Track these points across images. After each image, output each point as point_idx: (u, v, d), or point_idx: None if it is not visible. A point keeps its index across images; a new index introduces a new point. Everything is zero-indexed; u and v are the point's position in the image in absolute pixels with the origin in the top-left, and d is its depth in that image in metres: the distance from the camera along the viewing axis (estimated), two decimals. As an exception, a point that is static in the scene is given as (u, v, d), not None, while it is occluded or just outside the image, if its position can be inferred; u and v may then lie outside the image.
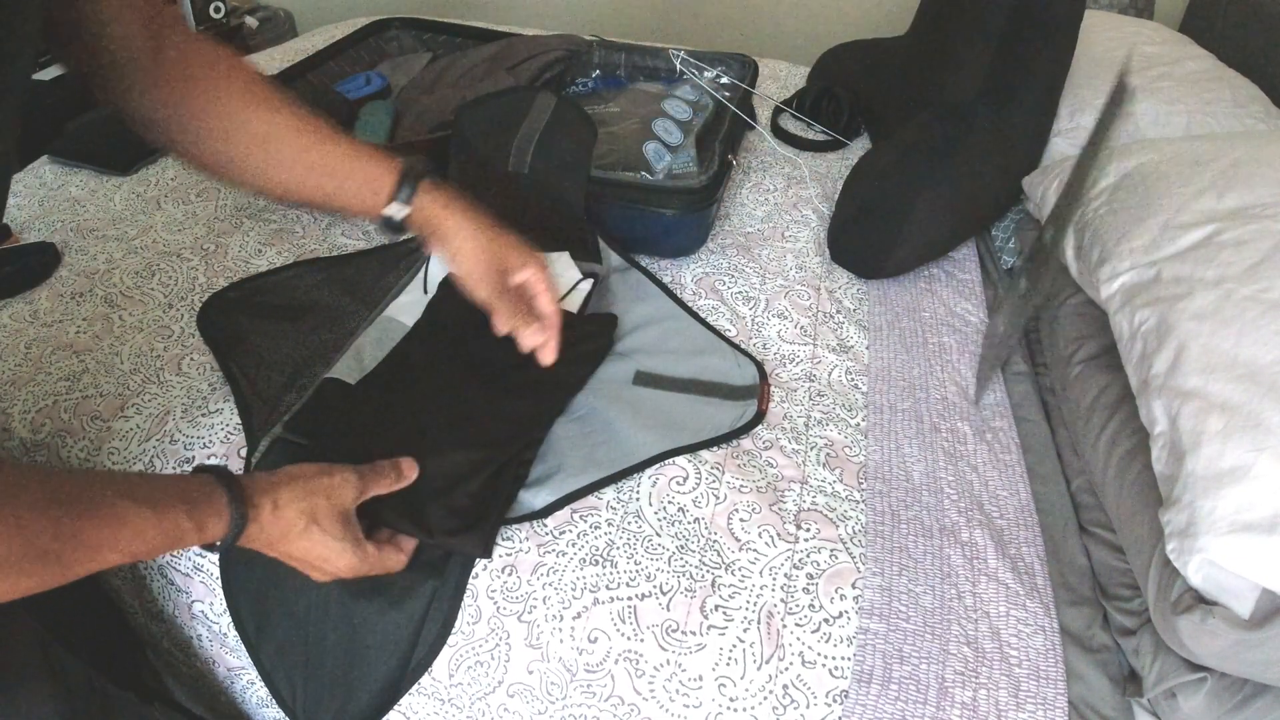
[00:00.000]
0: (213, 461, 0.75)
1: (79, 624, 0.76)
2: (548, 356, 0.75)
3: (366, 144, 0.66)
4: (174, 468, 0.75)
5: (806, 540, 0.72)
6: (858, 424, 0.84)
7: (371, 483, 0.61)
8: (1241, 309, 0.68)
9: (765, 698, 0.63)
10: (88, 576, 0.52)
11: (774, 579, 0.68)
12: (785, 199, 1.22)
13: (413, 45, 1.53)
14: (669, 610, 0.66)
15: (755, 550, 0.70)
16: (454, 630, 0.67)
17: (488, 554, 0.68)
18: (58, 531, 0.41)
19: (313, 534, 0.56)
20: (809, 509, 0.74)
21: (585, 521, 0.72)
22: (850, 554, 0.71)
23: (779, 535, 0.72)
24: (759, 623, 0.66)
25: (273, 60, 1.56)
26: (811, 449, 0.81)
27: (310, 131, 0.62)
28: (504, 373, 0.80)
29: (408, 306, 0.91)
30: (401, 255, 1.01)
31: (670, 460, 0.77)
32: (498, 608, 0.67)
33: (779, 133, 1.41)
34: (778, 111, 1.46)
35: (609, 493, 0.74)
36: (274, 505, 0.54)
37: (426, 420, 0.74)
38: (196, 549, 0.61)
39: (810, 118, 1.41)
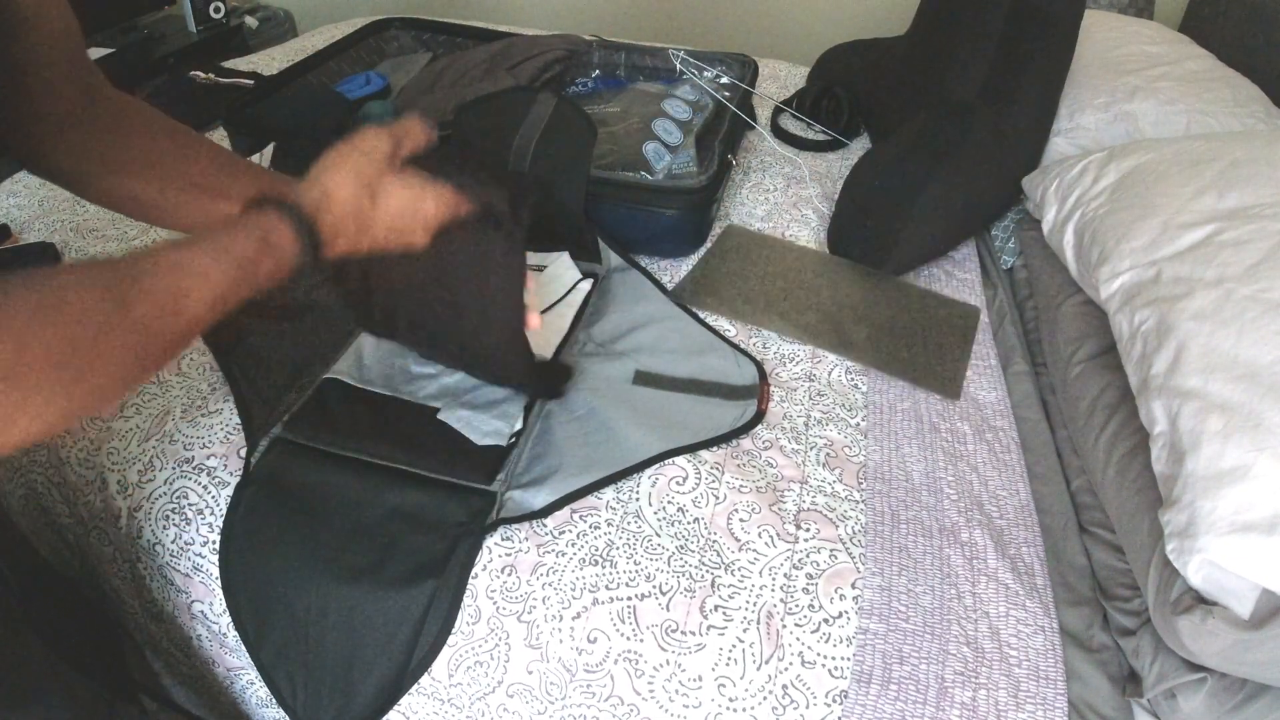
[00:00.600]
0: (211, 459, 0.75)
1: (64, 628, 0.76)
2: None
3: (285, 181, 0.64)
4: (173, 468, 0.75)
5: (806, 540, 0.72)
6: (858, 424, 0.84)
7: (400, 133, 0.58)
8: (1241, 309, 0.68)
9: (765, 698, 0.63)
10: (79, 607, 0.50)
11: (774, 579, 0.68)
12: (785, 199, 1.22)
13: (413, 45, 1.53)
14: (669, 610, 0.66)
15: (755, 550, 0.70)
16: (454, 630, 0.67)
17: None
18: (124, 299, 0.40)
19: (379, 198, 0.54)
20: (809, 509, 0.74)
21: (585, 521, 0.72)
22: (850, 554, 0.71)
23: (779, 535, 0.72)
24: (759, 623, 0.66)
25: (273, 60, 1.56)
26: (811, 449, 0.81)
27: (235, 168, 0.63)
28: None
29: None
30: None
31: (670, 460, 0.77)
32: (497, 608, 0.67)
33: (779, 133, 1.41)
34: (778, 111, 1.46)
35: (609, 493, 0.74)
36: (326, 196, 0.52)
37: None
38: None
39: (810, 117, 1.41)
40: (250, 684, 0.77)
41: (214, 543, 0.71)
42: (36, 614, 0.61)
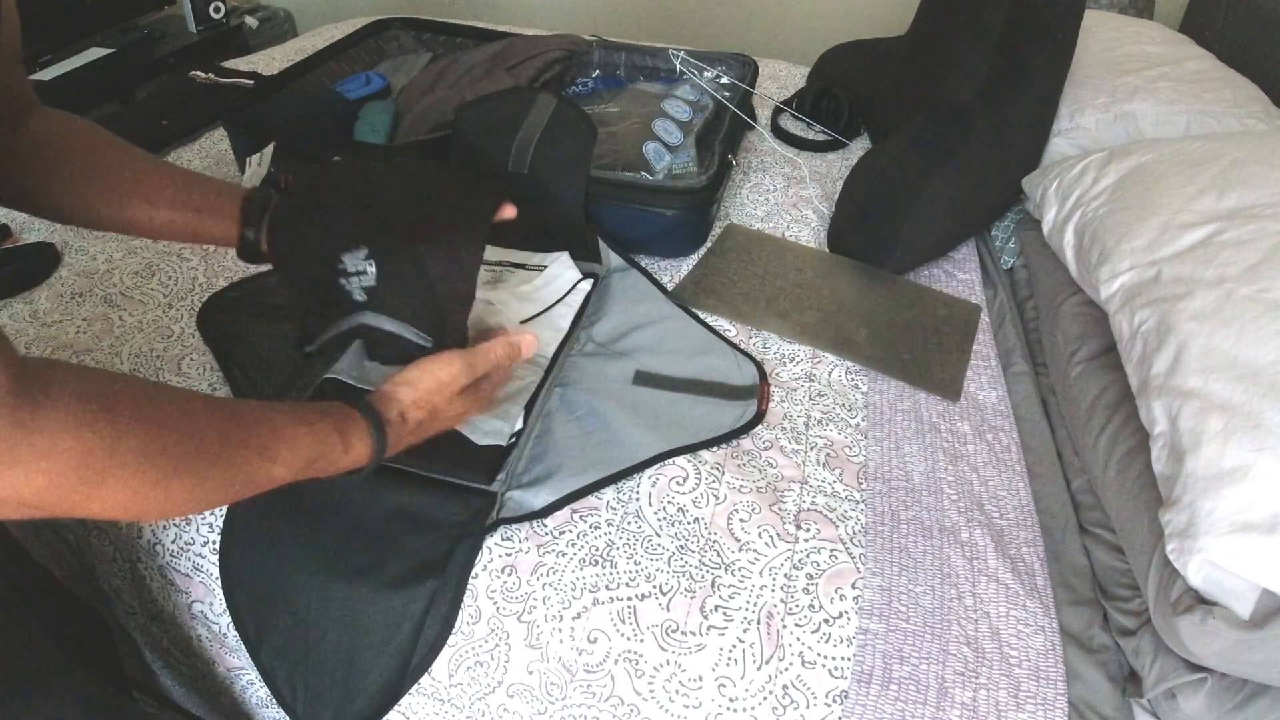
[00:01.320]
0: None
1: (63, 626, 0.76)
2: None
3: (216, 181, 0.69)
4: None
5: (806, 540, 0.72)
6: (858, 424, 0.84)
7: (480, 363, 0.64)
8: (1241, 309, 0.68)
9: (765, 698, 0.63)
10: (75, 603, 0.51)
11: (774, 579, 0.68)
12: (785, 199, 1.22)
13: (413, 45, 1.53)
14: (669, 610, 0.66)
15: (755, 550, 0.70)
16: (454, 630, 0.67)
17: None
18: (225, 435, 0.45)
19: (439, 417, 0.62)
20: (809, 509, 0.74)
21: (585, 522, 0.72)
22: (850, 554, 0.71)
23: (779, 535, 0.72)
24: (759, 623, 0.66)
25: (273, 60, 1.56)
26: (811, 449, 0.81)
27: (164, 172, 0.67)
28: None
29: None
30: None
31: (670, 460, 0.77)
32: (498, 608, 0.67)
33: (779, 133, 1.41)
34: (778, 111, 1.46)
35: (609, 493, 0.74)
36: (401, 417, 0.58)
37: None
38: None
39: (810, 118, 1.41)
40: (251, 684, 0.77)
41: (214, 543, 0.71)
42: (37, 609, 0.62)
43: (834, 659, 0.64)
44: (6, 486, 0.36)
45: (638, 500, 0.74)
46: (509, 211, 0.71)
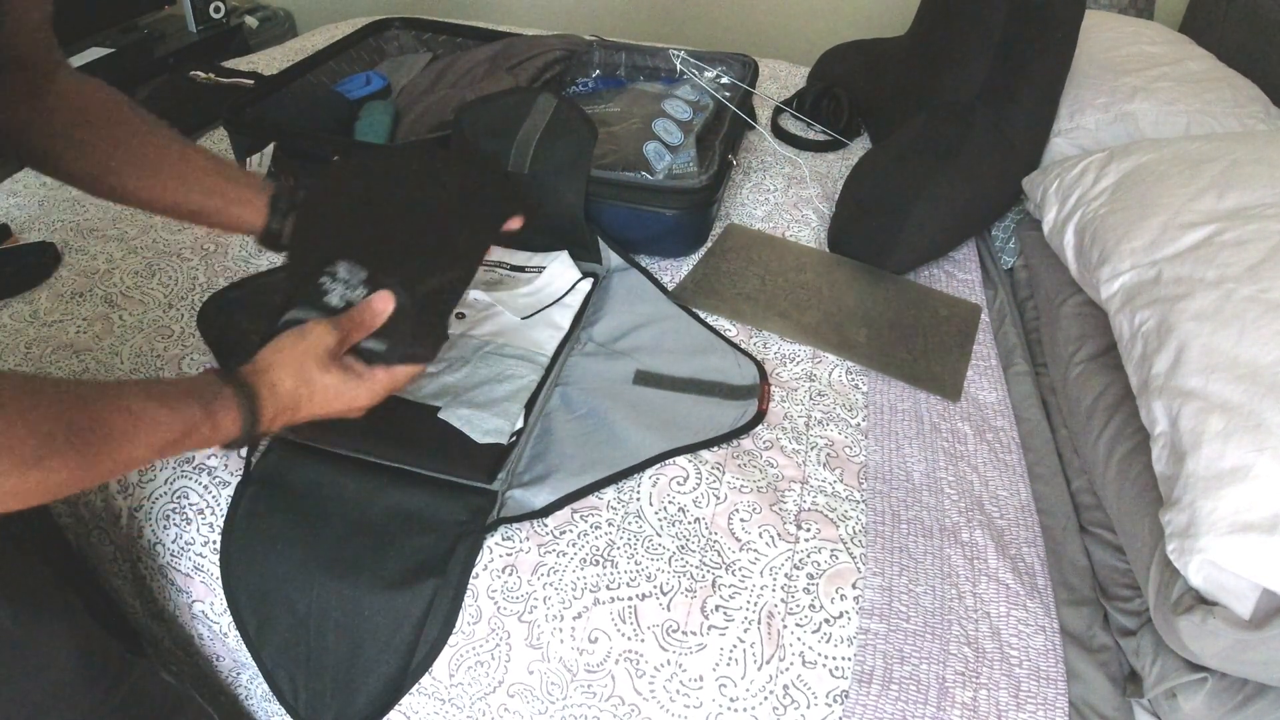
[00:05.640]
0: (211, 458, 0.75)
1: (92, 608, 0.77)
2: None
3: (241, 170, 0.71)
4: (174, 467, 0.75)
5: (807, 540, 0.72)
6: (858, 424, 0.84)
7: (349, 327, 0.61)
8: (1242, 309, 0.68)
9: (765, 698, 0.63)
10: (87, 576, 0.51)
11: (774, 579, 0.68)
12: (785, 199, 1.22)
13: (413, 45, 1.53)
14: (669, 610, 0.66)
15: (755, 550, 0.70)
16: (454, 630, 0.67)
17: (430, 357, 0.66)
18: (72, 423, 0.44)
19: (316, 391, 0.58)
20: (809, 509, 0.74)
21: (585, 521, 0.72)
22: (850, 554, 0.71)
23: (779, 535, 0.72)
24: (759, 623, 0.66)
25: (273, 60, 1.56)
26: (812, 449, 0.81)
27: (198, 154, 0.68)
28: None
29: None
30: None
31: (670, 460, 0.77)
32: (498, 608, 0.67)
33: (779, 133, 1.41)
34: (778, 111, 1.46)
35: (609, 493, 0.74)
36: (271, 387, 0.56)
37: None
38: (221, 461, 0.63)
39: (810, 118, 1.41)
40: (252, 681, 0.78)
41: (214, 542, 0.71)
42: (51, 563, 0.63)
43: (834, 659, 0.64)
44: None
45: (638, 500, 0.74)
46: (515, 223, 0.71)
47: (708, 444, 0.79)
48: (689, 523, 0.72)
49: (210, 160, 0.68)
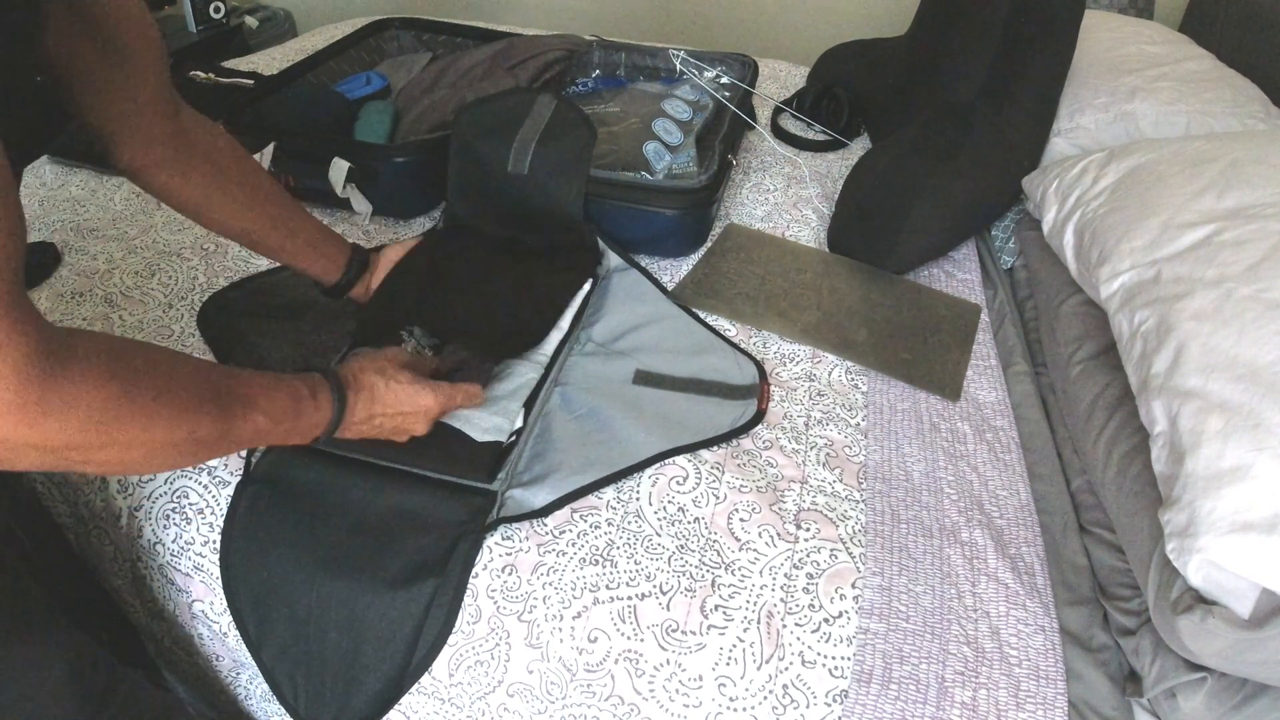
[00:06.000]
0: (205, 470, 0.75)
1: (88, 612, 0.77)
2: None
3: (325, 227, 0.82)
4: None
5: (806, 540, 0.72)
6: (858, 424, 0.84)
7: (454, 394, 0.71)
8: (1241, 309, 0.68)
9: (765, 697, 0.63)
10: (88, 576, 0.51)
11: (774, 579, 0.68)
12: (785, 199, 1.22)
13: (413, 45, 1.53)
14: (669, 610, 0.66)
15: (755, 550, 0.70)
16: (454, 630, 0.67)
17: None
18: (218, 385, 0.51)
19: (390, 388, 0.67)
20: (809, 509, 0.74)
21: (585, 521, 0.72)
22: (850, 554, 0.71)
23: (779, 535, 0.72)
24: (759, 622, 0.66)
25: (273, 60, 1.56)
26: (811, 449, 0.81)
27: (290, 203, 0.78)
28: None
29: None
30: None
31: (670, 460, 0.77)
32: (498, 607, 0.67)
33: (779, 133, 1.41)
34: (778, 111, 1.46)
35: (609, 492, 0.74)
36: (354, 378, 0.65)
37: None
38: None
39: (810, 118, 1.41)
40: (251, 680, 0.78)
41: (214, 542, 0.72)
42: (44, 574, 0.63)
43: (834, 658, 0.64)
44: (39, 433, 0.41)
45: (638, 500, 0.74)
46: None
47: (707, 444, 0.79)
48: (688, 522, 0.72)
49: (298, 209, 0.79)
